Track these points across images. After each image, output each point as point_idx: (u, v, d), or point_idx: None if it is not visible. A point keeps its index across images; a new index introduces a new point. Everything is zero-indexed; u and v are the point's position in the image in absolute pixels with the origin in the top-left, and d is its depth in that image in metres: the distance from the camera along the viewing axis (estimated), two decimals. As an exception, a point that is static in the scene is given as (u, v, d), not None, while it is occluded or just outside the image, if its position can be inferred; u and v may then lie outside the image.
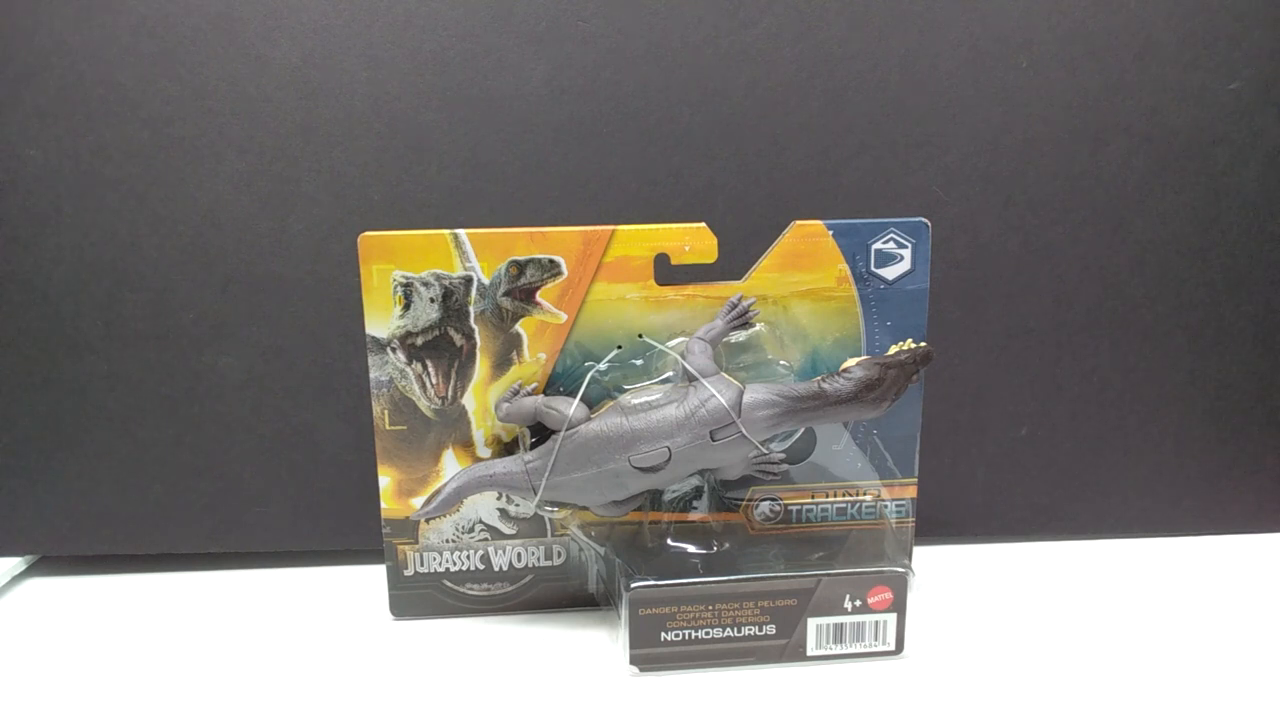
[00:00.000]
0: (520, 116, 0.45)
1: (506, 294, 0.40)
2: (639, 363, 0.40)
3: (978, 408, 0.49)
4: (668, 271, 0.40)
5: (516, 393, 0.40)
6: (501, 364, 0.40)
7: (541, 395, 0.40)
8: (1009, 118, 0.46)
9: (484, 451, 0.41)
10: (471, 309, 0.40)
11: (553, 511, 0.41)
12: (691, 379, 0.39)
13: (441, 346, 0.40)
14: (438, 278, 0.39)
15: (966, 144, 0.47)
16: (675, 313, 0.40)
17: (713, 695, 0.36)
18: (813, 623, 0.38)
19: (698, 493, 0.42)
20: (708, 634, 0.37)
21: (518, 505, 0.41)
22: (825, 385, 0.38)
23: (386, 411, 0.40)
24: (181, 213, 0.45)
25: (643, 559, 0.39)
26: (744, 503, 0.42)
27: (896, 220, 0.40)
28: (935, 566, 0.47)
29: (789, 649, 0.38)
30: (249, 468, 0.47)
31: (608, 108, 0.46)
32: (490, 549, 0.42)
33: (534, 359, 0.40)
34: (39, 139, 0.44)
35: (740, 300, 0.40)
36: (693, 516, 0.42)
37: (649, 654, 0.37)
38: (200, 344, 0.46)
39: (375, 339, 0.40)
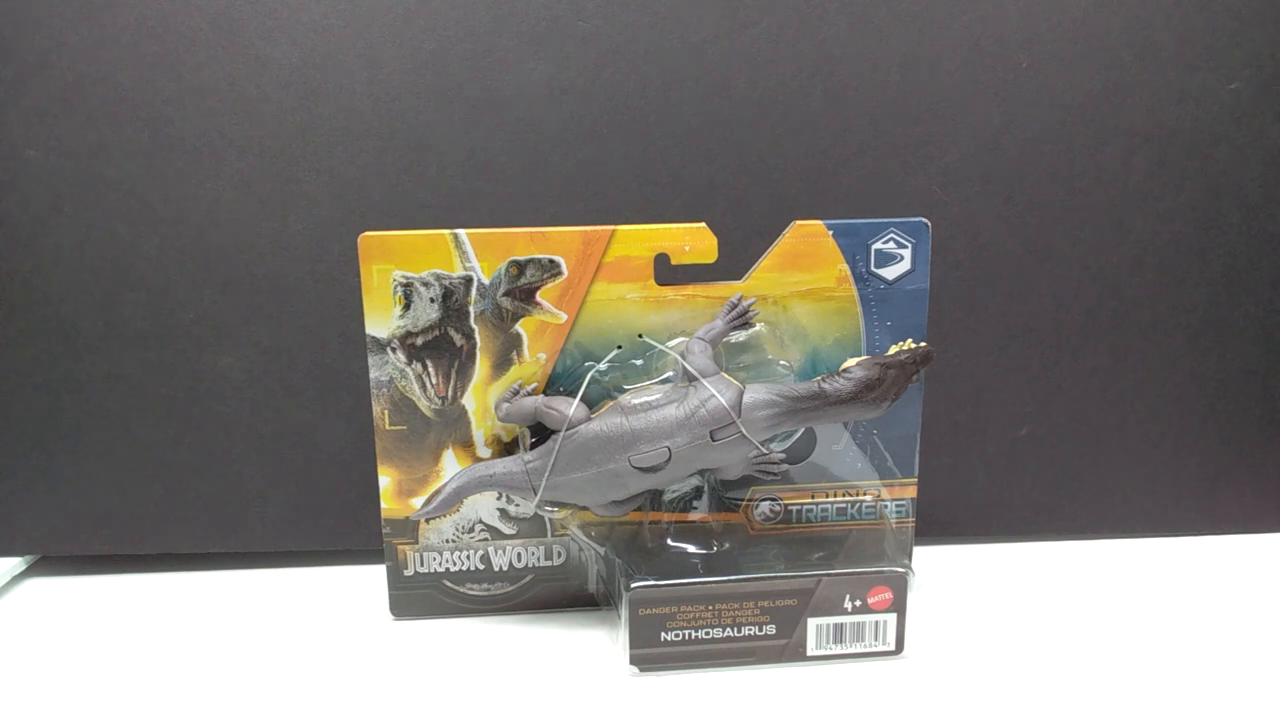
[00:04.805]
0: (520, 116, 0.45)
1: (506, 294, 0.40)
2: (639, 363, 0.40)
3: (978, 408, 0.49)
4: (668, 271, 0.40)
5: (516, 393, 0.40)
6: (501, 364, 0.40)
7: (541, 395, 0.40)
8: (1009, 118, 0.46)
9: (484, 451, 0.41)
10: (471, 309, 0.40)
11: (553, 511, 0.41)
12: (691, 379, 0.39)
13: (441, 346, 0.40)
14: (438, 278, 0.39)
15: (966, 144, 0.47)
16: (675, 313, 0.40)
17: (713, 695, 0.36)
18: (813, 623, 0.38)
19: (698, 493, 0.42)
20: (708, 634, 0.37)
21: (518, 505, 0.41)
22: (825, 385, 0.38)
23: (386, 411, 0.40)
24: (181, 213, 0.45)
25: (643, 559, 0.39)
26: (744, 503, 0.42)
27: (896, 220, 0.40)
28: (935, 566, 0.47)
29: (789, 649, 0.38)
30: (249, 468, 0.47)
31: (608, 108, 0.46)
32: (490, 549, 0.42)
33: (534, 359, 0.40)
34: (39, 139, 0.44)
35: (740, 300, 0.40)
36: (693, 516, 0.42)
37: (649, 654, 0.37)
38: (200, 344, 0.46)
39: (375, 339, 0.40)
